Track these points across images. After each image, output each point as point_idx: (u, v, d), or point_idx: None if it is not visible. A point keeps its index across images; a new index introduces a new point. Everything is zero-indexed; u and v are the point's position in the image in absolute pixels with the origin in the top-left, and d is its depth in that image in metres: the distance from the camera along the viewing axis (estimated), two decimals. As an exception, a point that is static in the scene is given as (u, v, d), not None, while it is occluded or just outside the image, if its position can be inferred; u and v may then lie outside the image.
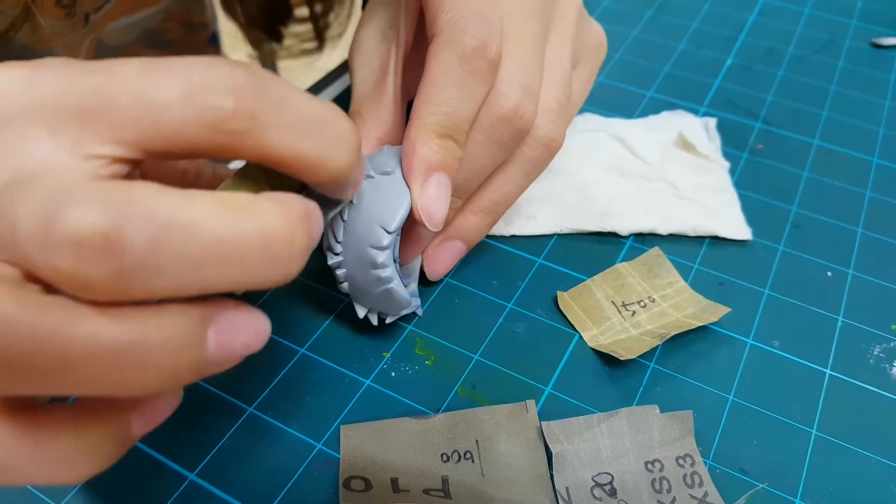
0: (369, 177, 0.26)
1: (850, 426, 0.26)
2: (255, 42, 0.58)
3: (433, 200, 0.25)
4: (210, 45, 0.57)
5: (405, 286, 0.28)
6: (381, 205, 0.25)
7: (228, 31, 0.59)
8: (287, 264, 0.16)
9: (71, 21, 0.40)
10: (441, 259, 0.29)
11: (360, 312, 0.27)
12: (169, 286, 0.15)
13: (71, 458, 0.16)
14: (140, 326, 0.15)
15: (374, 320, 0.28)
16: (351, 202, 0.26)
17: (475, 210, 0.28)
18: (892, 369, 0.28)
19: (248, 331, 0.17)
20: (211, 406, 0.26)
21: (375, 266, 0.25)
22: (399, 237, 0.27)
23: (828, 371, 0.28)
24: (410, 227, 0.27)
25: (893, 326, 0.30)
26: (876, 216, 0.35)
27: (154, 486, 0.24)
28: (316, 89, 0.41)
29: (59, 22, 0.40)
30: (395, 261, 0.27)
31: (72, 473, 0.16)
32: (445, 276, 0.31)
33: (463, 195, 0.28)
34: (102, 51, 0.45)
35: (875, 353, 0.29)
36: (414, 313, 0.29)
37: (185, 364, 0.16)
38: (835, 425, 0.26)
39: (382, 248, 0.25)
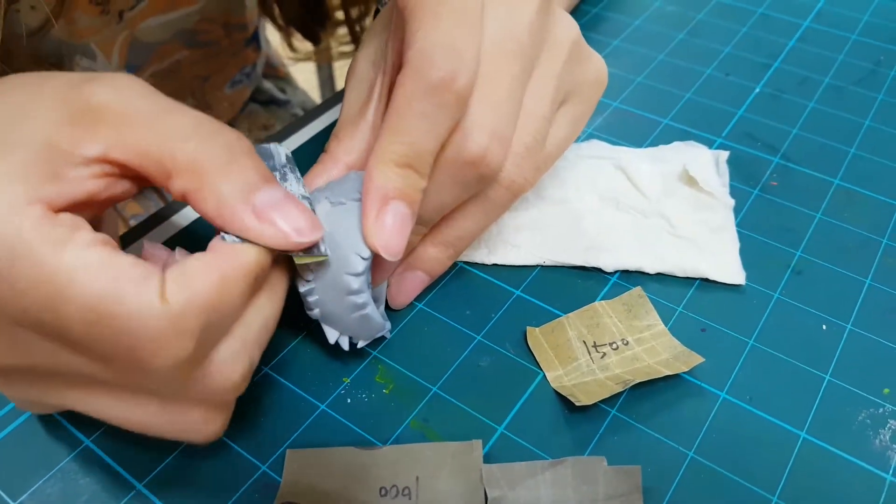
0: (341, 203, 0.26)
1: (816, 498, 0.25)
2: (293, 44, 0.59)
3: (388, 230, 0.24)
4: (246, 46, 0.58)
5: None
6: (355, 231, 0.25)
7: (273, 30, 0.60)
8: None
9: (105, 17, 0.42)
10: (403, 289, 0.29)
11: (332, 337, 0.27)
12: None
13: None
14: None
15: (346, 345, 0.28)
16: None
17: (435, 242, 0.28)
18: (875, 439, 0.26)
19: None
20: (171, 417, 0.27)
21: (351, 292, 0.25)
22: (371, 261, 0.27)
23: (803, 434, 0.26)
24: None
25: (886, 391, 0.28)
26: (889, 267, 0.32)
27: (104, 493, 0.25)
28: (339, 97, 0.41)
29: (94, 18, 0.42)
30: (368, 285, 0.27)
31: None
32: (408, 304, 0.31)
33: (427, 224, 0.27)
34: (136, 47, 0.47)
35: (860, 418, 0.27)
36: (382, 336, 0.29)
37: None
38: (799, 495, 0.25)
39: (358, 275, 0.25)
